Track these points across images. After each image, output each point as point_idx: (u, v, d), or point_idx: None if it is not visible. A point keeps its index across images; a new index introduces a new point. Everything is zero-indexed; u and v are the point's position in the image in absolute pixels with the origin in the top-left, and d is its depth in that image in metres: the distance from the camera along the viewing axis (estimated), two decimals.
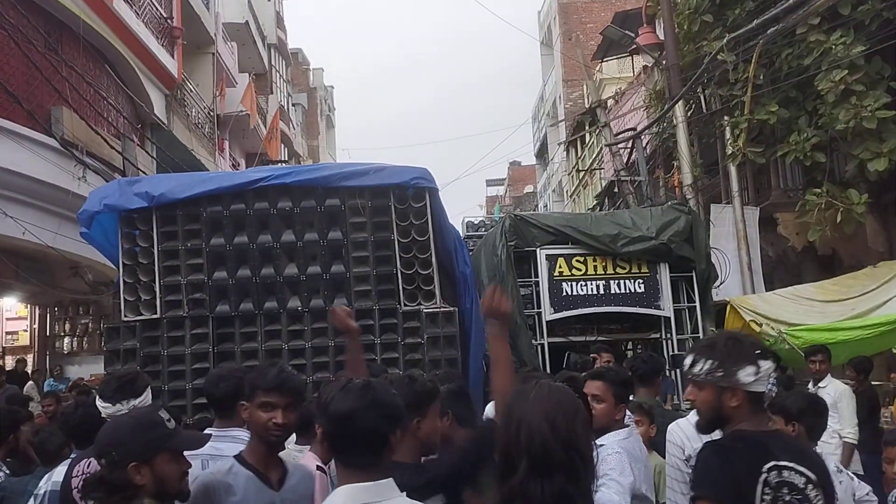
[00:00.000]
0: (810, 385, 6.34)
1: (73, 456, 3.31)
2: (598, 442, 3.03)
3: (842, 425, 6.05)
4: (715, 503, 2.22)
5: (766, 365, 2.34)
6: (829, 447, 5.90)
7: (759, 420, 2.38)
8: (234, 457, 2.75)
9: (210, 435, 2.78)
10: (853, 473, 3.95)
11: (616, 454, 3.06)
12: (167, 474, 2.34)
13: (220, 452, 3.20)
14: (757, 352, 2.35)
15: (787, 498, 2.20)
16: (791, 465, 2.23)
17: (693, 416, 3.93)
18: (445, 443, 2.97)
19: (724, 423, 2.38)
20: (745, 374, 2.31)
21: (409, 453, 2.61)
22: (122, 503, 2.29)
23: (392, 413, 1.99)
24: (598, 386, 3.39)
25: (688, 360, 2.47)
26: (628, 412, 3.93)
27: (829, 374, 6.35)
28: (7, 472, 4.25)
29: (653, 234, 8.14)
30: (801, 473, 2.24)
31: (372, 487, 1.90)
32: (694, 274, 8.36)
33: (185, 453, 3.22)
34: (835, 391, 6.13)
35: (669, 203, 9.35)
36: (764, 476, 2.20)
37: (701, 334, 8.48)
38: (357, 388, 1.97)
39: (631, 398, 4.11)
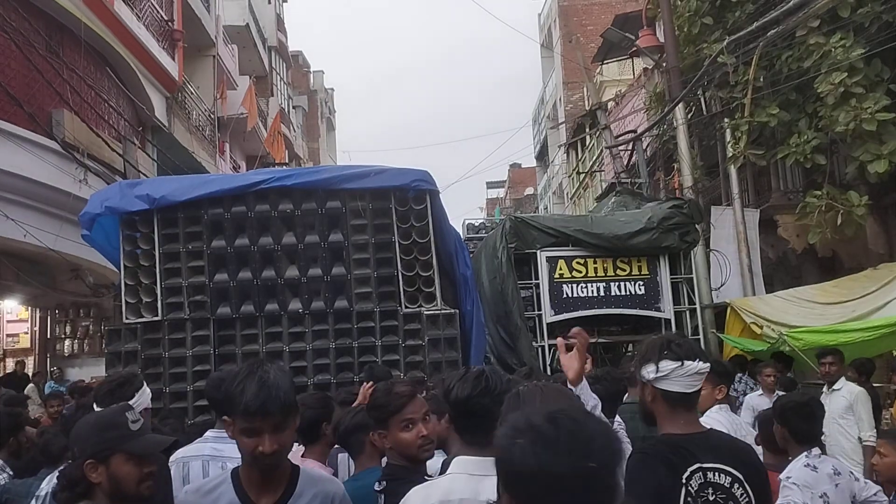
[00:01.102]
0: (824, 388, 6.28)
1: None
2: None
3: (860, 428, 5.91)
4: None
5: (669, 365, 2.41)
6: (848, 444, 5.85)
7: (686, 419, 2.45)
8: (232, 472, 2.33)
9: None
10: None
11: None
12: (122, 476, 2.33)
13: (220, 453, 3.21)
14: (665, 352, 2.43)
15: (712, 497, 2.30)
16: (716, 465, 2.33)
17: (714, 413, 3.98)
18: (444, 444, 2.98)
19: (651, 417, 2.51)
20: (646, 371, 2.45)
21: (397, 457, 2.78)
22: (77, 499, 2.33)
23: (503, 398, 2.15)
24: None
25: None
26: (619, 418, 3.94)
27: (843, 377, 6.21)
28: (10, 473, 4.26)
29: (654, 224, 8.18)
30: (728, 473, 2.34)
31: (481, 462, 2.07)
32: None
33: (187, 455, 3.25)
34: (850, 393, 6.00)
35: (667, 199, 9.48)
36: (684, 481, 2.30)
37: (701, 336, 8.49)
38: (473, 377, 2.23)
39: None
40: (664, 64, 12.19)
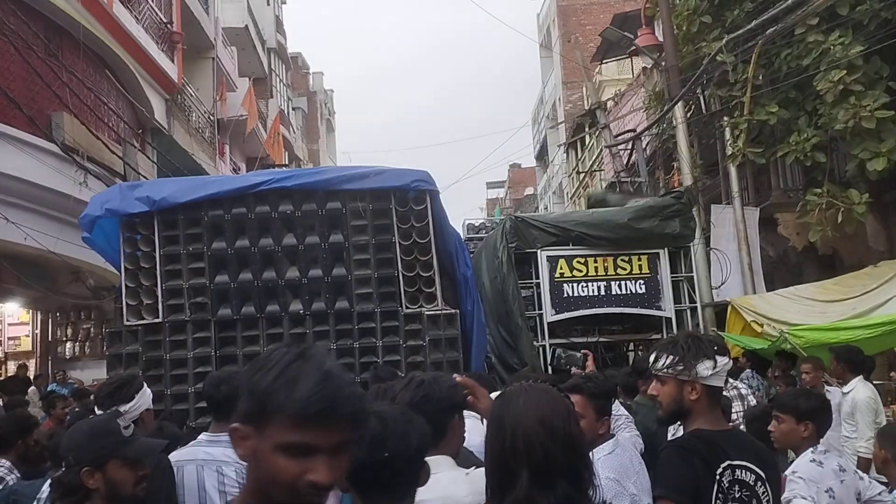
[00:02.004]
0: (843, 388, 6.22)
1: None
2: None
3: (857, 436, 5.76)
4: (675, 503, 2.34)
5: (723, 360, 2.49)
6: (846, 453, 5.79)
7: (716, 417, 2.51)
8: None
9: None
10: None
11: (607, 480, 2.89)
12: (119, 480, 2.43)
13: (212, 457, 3.19)
14: (715, 348, 2.50)
15: (738, 495, 2.34)
16: (744, 463, 2.39)
17: None
18: None
19: (684, 416, 2.52)
20: (704, 368, 2.46)
21: None
22: None
23: (443, 404, 2.27)
24: (577, 401, 3.00)
25: (652, 357, 2.62)
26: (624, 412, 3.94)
27: (857, 378, 5.99)
28: (18, 475, 4.28)
29: (655, 211, 8.22)
30: (752, 471, 2.39)
31: (434, 461, 2.12)
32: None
33: (181, 459, 3.26)
34: (852, 400, 5.86)
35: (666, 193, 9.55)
36: (718, 477, 2.34)
37: None
38: (414, 385, 2.29)
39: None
40: (663, 63, 12.19)
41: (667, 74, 11.82)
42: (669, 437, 3.76)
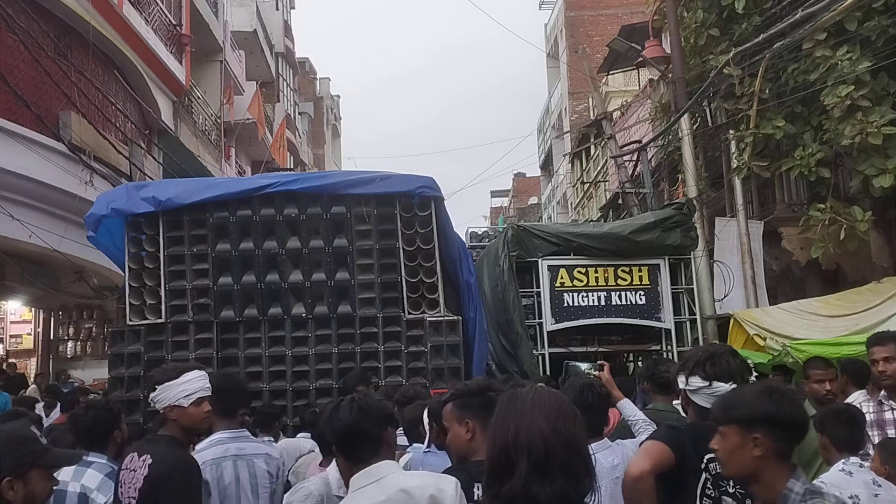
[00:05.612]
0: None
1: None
2: None
3: None
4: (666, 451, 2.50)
5: (697, 382, 2.59)
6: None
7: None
8: None
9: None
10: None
11: None
12: (38, 491, 2.30)
13: (243, 452, 3.39)
14: (697, 368, 2.60)
15: (732, 490, 2.43)
16: None
17: None
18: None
19: None
20: (679, 380, 2.68)
21: None
22: None
23: (379, 417, 2.54)
24: None
25: None
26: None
27: (859, 392, 5.86)
28: None
29: (656, 223, 8.27)
30: None
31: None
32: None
33: (216, 458, 3.26)
34: None
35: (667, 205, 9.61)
36: (705, 463, 2.46)
37: None
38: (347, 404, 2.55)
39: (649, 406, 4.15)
40: (670, 75, 12.21)
41: (673, 86, 11.83)
42: None
